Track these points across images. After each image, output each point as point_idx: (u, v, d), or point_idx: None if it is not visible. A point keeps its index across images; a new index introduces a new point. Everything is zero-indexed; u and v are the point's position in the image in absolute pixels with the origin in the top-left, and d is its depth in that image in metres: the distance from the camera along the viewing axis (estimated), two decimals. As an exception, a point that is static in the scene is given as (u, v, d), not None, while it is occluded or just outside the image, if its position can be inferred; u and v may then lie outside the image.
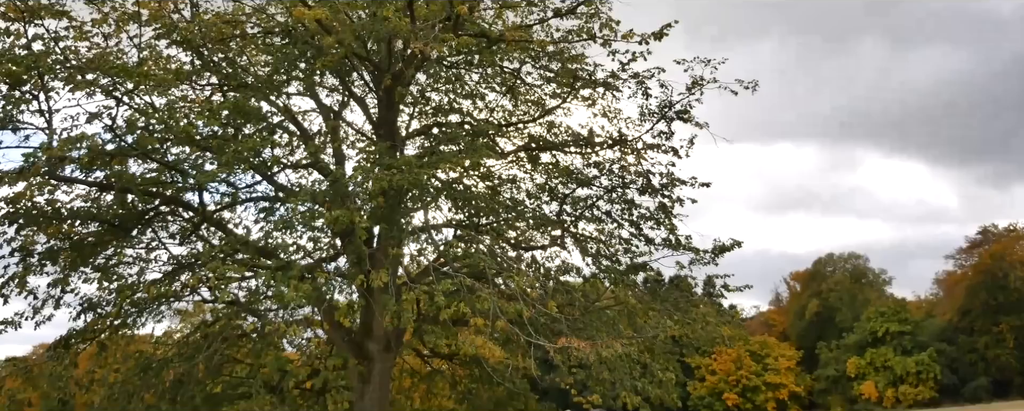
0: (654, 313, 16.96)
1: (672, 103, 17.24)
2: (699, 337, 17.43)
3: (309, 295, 13.00)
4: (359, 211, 13.40)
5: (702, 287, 17.88)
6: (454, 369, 21.41)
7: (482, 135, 16.83)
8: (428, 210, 15.89)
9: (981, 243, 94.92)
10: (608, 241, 17.46)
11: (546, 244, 17.68)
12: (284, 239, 14.92)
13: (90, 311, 16.32)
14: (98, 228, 15.91)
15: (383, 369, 17.33)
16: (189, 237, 17.19)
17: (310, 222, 14.08)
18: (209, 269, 14.16)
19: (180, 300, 17.61)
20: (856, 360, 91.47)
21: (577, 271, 17.44)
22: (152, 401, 17.25)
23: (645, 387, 15.76)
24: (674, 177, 17.56)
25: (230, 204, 17.59)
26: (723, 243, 16.98)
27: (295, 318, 16.03)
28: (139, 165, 15.87)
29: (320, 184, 15.41)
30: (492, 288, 13.59)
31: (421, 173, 13.64)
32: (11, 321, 15.02)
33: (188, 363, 16.77)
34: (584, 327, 15.47)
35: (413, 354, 21.23)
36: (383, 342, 17.16)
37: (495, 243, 16.53)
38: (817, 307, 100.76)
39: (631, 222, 17.50)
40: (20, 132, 14.60)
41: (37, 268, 15.27)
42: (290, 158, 17.09)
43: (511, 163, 18.22)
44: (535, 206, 17.63)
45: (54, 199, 15.07)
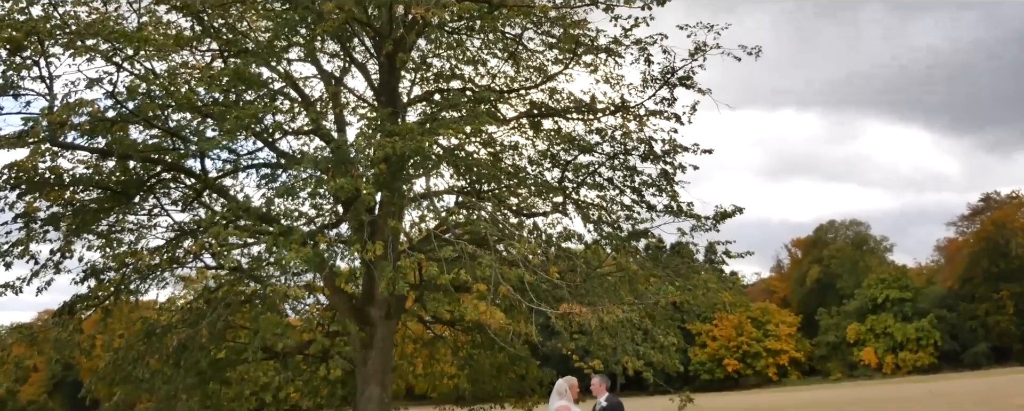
0: (655, 279, 17.02)
1: (675, 69, 17.16)
2: (700, 303, 17.50)
3: (310, 260, 13.04)
4: (362, 178, 13.39)
5: (703, 253, 17.87)
6: (456, 335, 21.53)
7: (484, 101, 16.77)
8: (430, 177, 15.89)
9: (983, 210, 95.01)
10: (610, 208, 17.48)
11: (548, 211, 17.69)
12: (286, 206, 14.95)
13: (93, 277, 16.39)
14: (100, 194, 15.93)
15: (385, 335, 17.44)
16: (191, 204, 17.22)
17: (313, 189, 14.10)
18: (211, 235, 14.20)
19: (183, 267, 17.69)
20: (856, 326, 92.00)
21: (579, 238, 17.46)
22: (157, 366, 17.38)
23: (646, 353, 15.85)
24: (676, 144, 17.53)
25: (232, 171, 17.59)
26: (724, 209, 16.99)
27: (297, 284, 16.10)
28: (140, 132, 15.86)
29: (322, 151, 15.39)
30: (494, 255, 13.63)
31: (423, 140, 13.61)
32: (11, 285, 15.08)
33: (192, 329, 16.87)
34: (586, 293, 15.52)
35: (415, 320, 21.34)
36: (385, 308, 17.25)
37: (497, 210, 16.54)
38: (818, 274, 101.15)
39: (633, 189, 17.50)
40: (21, 98, 14.58)
41: (40, 235, 15.31)
42: (291, 125, 17.06)
43: (513, 130, 18.19)
44: (537, 173, 17.63)
45: (56, 165, 15.08)
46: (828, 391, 70.13)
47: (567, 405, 10.67)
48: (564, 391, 10.80)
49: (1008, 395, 37.93)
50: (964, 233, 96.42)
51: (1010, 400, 34.39)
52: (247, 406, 20.43)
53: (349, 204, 14.73)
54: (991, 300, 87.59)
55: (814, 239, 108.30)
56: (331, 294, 17.60)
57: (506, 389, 20.88)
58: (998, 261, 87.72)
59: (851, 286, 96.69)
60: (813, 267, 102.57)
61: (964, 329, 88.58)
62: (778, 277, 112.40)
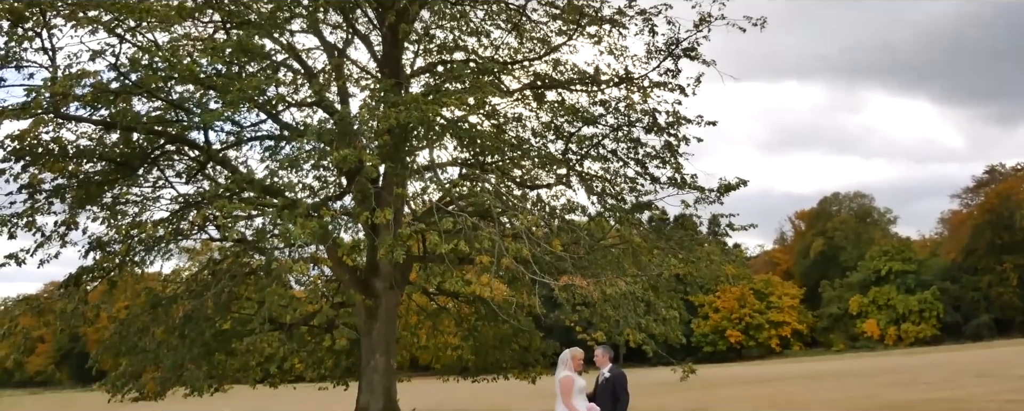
0: (659, 251, 17.03)
1: (679, 40, 17.07)
2: (703, 275, 17.52)
3: (314, 233, 13.07)
4: (365, 149, 13.38)
5: (707, 226, 17.89)
6: (460, 307, 21.63)
7: (487, 73, 16.70)
8: (433, 148, 15.87)
9: (987, 182, 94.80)
10: (613, 180, 17.45)
11: (551, 182, 17.68)
12: (290, 178, 14.96)
13: (98, 249, 16.45)
14: (104, 167, 15.94)
15: (389, 306, 17.54)
16: (195, 176, 17.23)
17: (317, 161, 14.09)
18: (215, 207, 14.22)
19: (187, 238, 17.75)
20: (859, 298, 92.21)
21: (582, 210, 17.47)
22: (162, 337, 17.50)
23: (649, 324, 15.92)
24: (680, 115, 17.47)
25: (235, 143, 17.59)
26: (728, 182, 16.95)
27: (302, 256, 16.14)
28: (143, 103, 15.84)
29: (326, 123, 15.37)
30: (497, 226, 13.65)
31: (426, 111, 13.59)
32: (15, 255, 15.13)
33: (197, 300, 16.96)
34: (589, 265, 15.55)
35: (419, 292, 21.43)
36: (389, 280, 17.33)
37: (500, 181, 16.54)
38: (821, 246, 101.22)
39: (637, 161, 17.46)
40: (24, 70, 14.55)
41: (45, 207, 15.35)
42: (295, 96, 17.02)
43: (516, 101, 18.13)
44: (540, 144, 17.60)
45: (60, 137, 15.08)
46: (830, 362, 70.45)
47: (570, 375, 10.72)
48: (567, 361, 10.86)
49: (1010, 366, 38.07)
50: (968, 205, 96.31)
51: (1012, 371, 34.53)
52: (253, 376, 20.59)
53: (353, 176, 14.73)
54: (994, 272, 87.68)
55: (818, 211, 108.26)
56: (335, 266, 17.67)
57: (509, 360, 21.01)
58: (1002, 233, 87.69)
59: (854, 258, 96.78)
60: (816, 239, 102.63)
61: (966, 301, 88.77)
62: (781, 249, 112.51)
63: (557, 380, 10.79)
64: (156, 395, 17.92)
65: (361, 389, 17.64)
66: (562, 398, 10.60)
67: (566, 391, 10.59)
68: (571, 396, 10.60)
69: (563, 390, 10.60)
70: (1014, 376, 31.45)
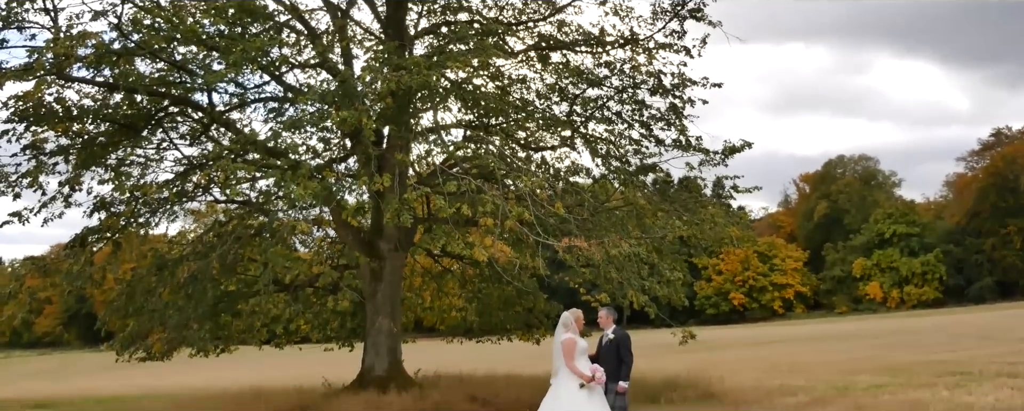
0: (663, 214, 17.04)
1: (685, 1, 16.90)
2: (707, 237, 17.55)
3: (317, 194, 13.09)
4: (368, 112, 13.34)
5: (711, 188, 17.95)
6: (464, 268, 21.71)
7: (492, 34, 16.58)
8: (437, 111, 15.82)
9: (993, 145, 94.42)
10: (618, 142, 17.42)
11: (556, 145, 17.66)
12: (293, 140, 14.95)
13: (102, 210, 16.52)
14: (108, 128, 15.94)
15: (394, 268, 17.61)
16: (199, 138, 17.23)
17: (319, 123, 14.07)
18: (219, 168, 14.24)
19: (192, 200, 17.80)
20: (862, 261, 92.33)
21: (587, 172, 17.47)
22: (168, 298, 17.62)
23: (652, 286, 15.98)
24: (685, 77, 17.37)
25: (239, 105, 17.56)
26: (733, 144, 16.90)
27: (306, 218, 16.19)
28: (146, 65, 15.79)
29: (329, 84, 15.31)
30: (501, 189, 13.65)
31: (430, 73, 13.52)
32: (18, 213, 15.20)
33: (202, 261, 17.05)
34: (593, 227, 15.57)
35: (423, 253, 21.50)
36: (393, 242, 17.38)
37: (505, 144, 16.52)
38: (826, 209, 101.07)
39: (641, 123, 17.40)
40: (25, 31, 14.50)
41: (49, 166, 15.38)
42: (298, 58, 16.95)
43: (521, 63, 18.02)
44: (545, 106, 17.53)
45: (63, 98, 15.07)
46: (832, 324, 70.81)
47: (573, 337, 10.76)
48: (569, 323, 10.88)
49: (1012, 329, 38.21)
50: (973, 168, 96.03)
51: (1013, 333, 34.67)
52: (258, 338, 20.76)
53: (356, 138, 14.71)
54: (998, 235, 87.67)
55: (822, 174, 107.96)
56: (339, 227, 17.72)
57: (513, 322, 21.14)
58: (1006, 196, 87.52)
59: (858, 221, 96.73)
60: (821, 202, 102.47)
61: (970, 264, 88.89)
62: (785, 212, 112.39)
63: (559, 342, 10.80)
64: (163, 355, 18.09)
65: (366, 350, 17.79)
66: (565, 360, 10.63)
67: (569, 353, 10.62)
68: (574, 358, 10.64)
69: (566, 352, 10.63)
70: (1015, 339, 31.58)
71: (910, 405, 13.64)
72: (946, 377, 18.80)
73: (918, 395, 15.26)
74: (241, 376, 27.42)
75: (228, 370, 32.20)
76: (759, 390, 18.22)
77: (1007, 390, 15.15)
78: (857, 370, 22.74)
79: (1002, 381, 16.97)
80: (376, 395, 15.61)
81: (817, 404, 15.02)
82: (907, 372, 20.97)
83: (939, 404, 13.48)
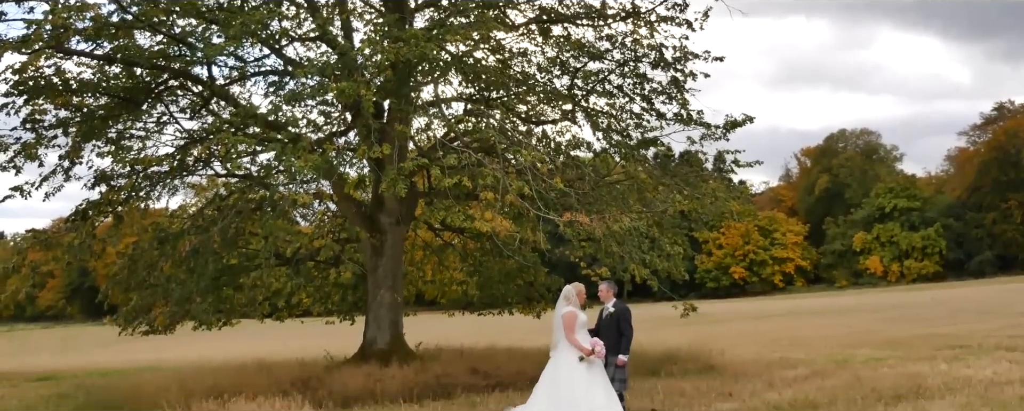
0: (664, 188, 17.03)
1: (687, -27, 16.77)
2: (708, 212, 17.55)
3: (318, 166, 13.07)
4: (368, 84, 13.29)
5: (712, 162, 17.86)
6: (465, 242, 21.75)
7: (492, 7, 16.45)
8: (438, 84, 15.76)
9: (995, 120, 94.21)
10: (619, 116, 17.35)
11: (557, 118, 17.59)
12: (293, 113, 14.91)
13: (103, 183, 16.52)
14: (108, 101, 15.91)
15: (395, 241, 17.63)
16: (199, 111, 17.19)
17: (318, 96, 14.03)
18: (218, 141, 14.22)
19: (193, 174, 17.79)
20: (863, 235, 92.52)
21: (588, 146, 17.42)
22: (170, 271, 17.66)
23: (653, 260, 15.99)
24: (687, 51, 17.27)
25: (239, 78, 17.49)
26: (734, 118, 16.85)
27: (306, 191, 16.18)
28: (146, 38, 15.72)
29: (329, 57, 15.24)
30: (501, 162, 13.63)
31: (430, 46, 13.45)
32: (20, 188, 15.22)
33: (203, 235, 17.07)
34: (594, 201, 15.57)
35: (424, 227, 21.53)
36: (395, 215, 17.40)
37: (505, 117, 16.46)
38: (826, 183, 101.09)
39: (643, 96, 17.32)
40: (23, 3, 14.42)
41: (48, 139, 15.37)
42: (297, 31, 16.85)
43: (522, 36, 17.89)
44: (546, 80, 17.43)
45: (62, 70, 15.01)
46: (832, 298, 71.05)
47: (573, 311, 10.81)
48: (571, 297, 10.93)
49: (1011, 303, 38.34)
50: (975, 142, 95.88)
51: (1012, 308, 34.79)
52: (260, 311, 20.85)
53: (357, 111, 14.67)
54: (999, 209, 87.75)
55: (824, 148, 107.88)
56: (340, 201, 17.73)
57: (514, 295, 21.21)
58: (1008, 170, 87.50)
59: (859, 195, 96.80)
60: (822, 176, 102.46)
61: (970, 238, 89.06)
62: (786, 186, 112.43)
63: (559, 315, 10.86)
64: (166, 328, 18.16)
65: (368, 323, 17.86)
66: (566, 333, 10.69)
67: (569, 326, 10.67)
68: (574, 331, 10.70)
69: (566, 325, 10.68)
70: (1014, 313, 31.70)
71: (909, 378, 13.73)
72: (945, 350, 18.90)
73: (917, 368, 15.35)
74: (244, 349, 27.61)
75: (231, 343, 32.38)
76: (759, 363, 18.33)
77: (1005, 363, 15.24)
78: (857, 343, 22.86)
79: (1000, 354, 17.07)
80: (378, 368, 15.70)
81: (816, 377, 15.12)
82: (906, 346, 21.08)
83: (937, 377, 13.56)
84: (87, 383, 19.08)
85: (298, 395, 13.13)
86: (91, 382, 19.29)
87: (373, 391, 14.35)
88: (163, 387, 15.14)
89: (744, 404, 11.92)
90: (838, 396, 12.05)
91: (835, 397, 11.98)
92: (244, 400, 12.32)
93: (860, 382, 13.58)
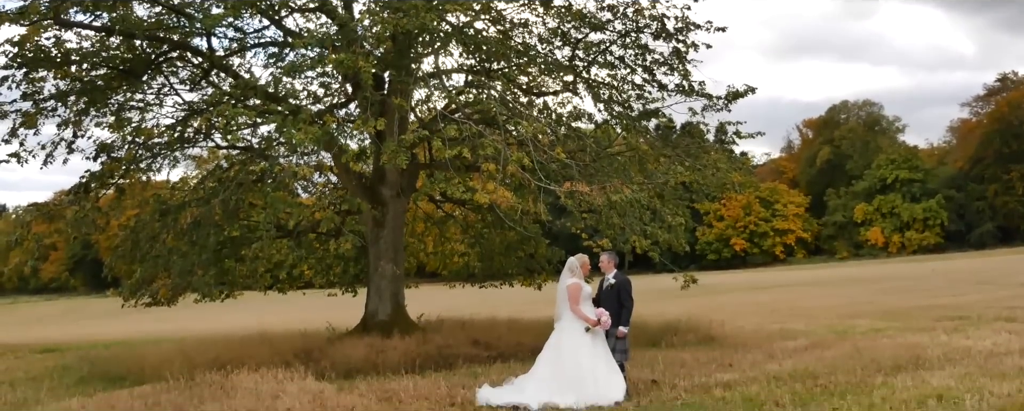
0: (665, 159, 17.00)
1: (689, -57, 16.60)
2: (709, 183, 17.53)
3: (318, 138, 13.05)
4: (367, 56, 13.23)
5: (714, 134, 17.74)
6: (466, 214, 21.76)
7: (493, -23, 16.33)
8: (438, 55, 15.68)
9: (998, 91, 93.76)
10: (621, 87, 17.25)
11: (558, 90, 17.51)
12: (293, 85, 14.85)
13: (104, 154, 16.50)
14: (107, 73, 15.84)
15: (396, 213, 17.65)
16: (199, 83, 17.12)
17: (318, 67, 13.96)
18: (219, 113, 14.18)
19: (194, 145, 17.76)
20: (864, 206, 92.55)
21: (589, 117, 17.36)
22: (172, 243, 17.69)
23: (654, 232, 16.00)
24: (689, 21, 17.13)
25: (239, 50, 17.41)
26: (736, 89, 16.77)
27: (307, 163, 16.16)
28: (144, 8, 15.62)
29: (328, 27, 15.15)
30: (503, 134, 13.60)
31: (430, 17, 13.37)
32: (17, 154, 15.22)
33: (205, 207, 17.07)
34: (595, 173, 15.55)
35: (425, 199, 21.52)
36: (396, 188, 17.39)
37: (506, 89, 16.38)
38: (828, 154, 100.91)
39: (644, 67, 17.22)
40: (21, -26, 14.32)
41: (48, 111, 15.33)
42: (297, 1, 16.73)
43: (523, 7, 17.73)
44: (547, 51, 17.31)
45: (61, 40, 14.94)
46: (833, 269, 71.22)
47: (577, 282, 10.85)
48: (575, 268, 10.97)
49: (1011, 273, 38.44)
50: (978, 114, 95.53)
51: (1013, 278, 34.88)
52: (262, 283, 20.90)
53: (358, 83, 14.62)
54: (1000, 181, 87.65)
55: (826, 119, 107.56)
56: (341, 173, 17.71)
57: (515, 267, 21.24)
58: (1010, 142, 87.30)
59: (861, 167, 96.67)
60: (823, 147, 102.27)
61: (971, 209, 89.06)
62: (788, 157, 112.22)
63: (563, 287, 10.90)
64: (169, 300, 18.23)
65: (370, 295, 17.92)
66: (570, 304, 10.74)
67: (574, 297, 10.73)
68: (579, 303, 10.75)
69: (571, 296, 10.74)
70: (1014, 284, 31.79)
71: (908, 348, 13.80)
72: (945, 321, 18.97)
73: (917, 339, 15.42)
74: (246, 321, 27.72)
75: (233, 315, 32.55)
76: (759, 334, 18.42)
77: (1005, 334, 15.30)
78: (857, 314, 22.95)
79: (1000, 325, 17.13)
80: (379, 339, 15.78)
81: (816, 347, 15.19)
82: (906, 316, 21.16)
83: (937, 348, 13.62)
84: (91, 354, 19.18)
85: (300, 366, 13.19)
86: (95, 353, 19.40)
87: (375, 362, 14.43)
88: (167, 358, 15.24)
89: (744, 375, 11.98)
90: (838, 367, 12.11)
91: (835, 368, 12.04)
92: (247, 371, 12.38)
93: (860, 353, 13.65)
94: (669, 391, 10.92)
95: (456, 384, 11.95)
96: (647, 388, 11.19)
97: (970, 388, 9.53)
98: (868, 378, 10.90)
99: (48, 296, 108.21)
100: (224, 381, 12.03)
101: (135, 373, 14.84)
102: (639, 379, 11.57)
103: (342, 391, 11.60)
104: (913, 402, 8.94)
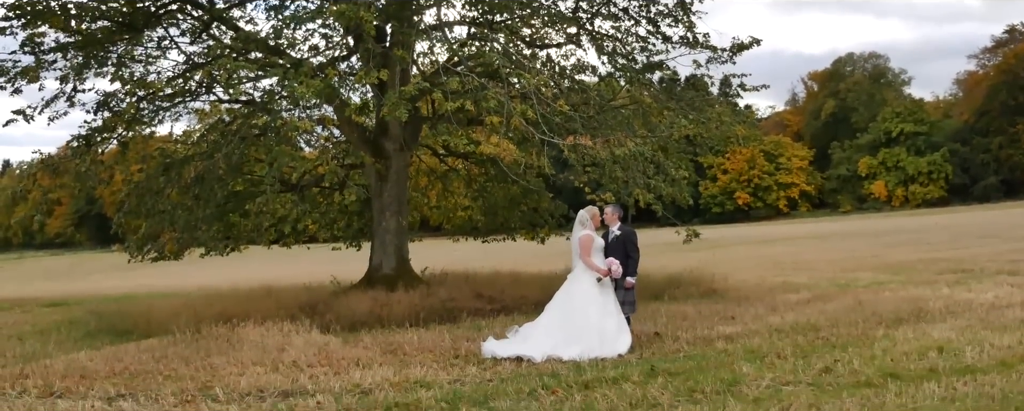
0: (669, 112, 16.89)
1: None
2: (713, 136, 17.46)
3: (320, 91, 12.97)
4: (369, 7, 13.09)
5: (718, 86, 17.60)
6: (469, 168, 21.72)
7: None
8: (440, 7, 15.51)
9: (1006, 43, 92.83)
10: (625, 39, 17.08)
11: (561, 42, 17.36)
12: (295, 37, 14.72)
13: (105, 107, 16.44)
14: (107, 26, 15.71)
15: (399, 167, 17.62)
16: (200, 35, 16.98)
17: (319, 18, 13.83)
18: (220, 66, 14.08)
19: (196, 99, 17.68)
20: (868, 160, 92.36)
21: (593, 70, 17.23)
22: (177, 198, 17.70)
23: (657, 185, 15.97)
24: (694, -29, 16.90)
25: (240, 2, 17.23)
26: (741, 41, 16.62)
27: (310, 117, 16.09)
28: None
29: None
30: (505, 86, 13.52)
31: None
32: (23, 111, 15.19)
33: (208, 161, 17.05)
34: (599, 126, 15.48)
35: (429, 153, 21.47)
36: (398, 141, 17.34)
37: (509, 41, 16.23)
38: (833, 107, 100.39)
39: (648, 19, 17.02)
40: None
41: (48, 64, 15.24)
42: (297, -48, 16.52)
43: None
44: (550, 3, 17.13)
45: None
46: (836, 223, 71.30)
47: (589, 234, 10.92)
48: (586, 220, 11.03)
49: (1014, 227, 38.44)
50: (985, 66, 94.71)
51: (1015, 232, 34.89)
52: (266, 237, 20.95)
53: (360, 35, 14.49)
54: (1006, 134, 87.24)
55: (831, 72, 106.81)
56: (344, 126, 17.65)
57: (518, 221, 21.25)
58: (1016, 94, 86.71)
59: (866, 120, 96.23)
60: (828, 100, 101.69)
61: (976, 163, 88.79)
62: (792, 110, 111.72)
63: (576, 238, 10.96)
64: (175, 255, 18.31)
65: (374, 249, 17.97)
66: (581, 256, 10.82)
67: (586, 249, 10.82)
68: (590, 253, 10.83)
69: (583, 248, 10.82)
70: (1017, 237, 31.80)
71: (910, 301, 13.85)
72: (947, 274, 19.02)
73: (918, 292, 15.47)
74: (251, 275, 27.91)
75: (239, 269, 32.73)
76: (762, 287, 18.49)
77: (1007, 287, 15.34)
78: (859, 268, 23.02)
79: (1002, 278, 17.16)
80: (384, 293, 15.86)
81: (819, 300, 15.25)
82: (909, 270, 21.22)
83: (938, 300, 13.67)
84: (98, 308, 19.34)
85: (305, 319, 13.30)
86: (102, 307, 19.55)
87: (379, 316, 14.52)
88: (174, 312, 15.35)
89: (746, 327, 12.05)
90: (839, 319, 12.17)
91: (836, 320, 12.10)
92: (253, 325, 12.48)
93: (861, 305, 13.70)
94: (672, 343, 10.99)
95: (460, 337, 12.05)
96: (650, 340, 11.27)
97: (971, 340, 9.58)
98: (870, 330, 10.96)
99: (54, 251, 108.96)
100: (230, 334, 12.14)
101: (142, 327, 14.97)
102: (642, 332, 11.65)
103: (347, 344, 11.71)
104: (914, 354, 8.99)
